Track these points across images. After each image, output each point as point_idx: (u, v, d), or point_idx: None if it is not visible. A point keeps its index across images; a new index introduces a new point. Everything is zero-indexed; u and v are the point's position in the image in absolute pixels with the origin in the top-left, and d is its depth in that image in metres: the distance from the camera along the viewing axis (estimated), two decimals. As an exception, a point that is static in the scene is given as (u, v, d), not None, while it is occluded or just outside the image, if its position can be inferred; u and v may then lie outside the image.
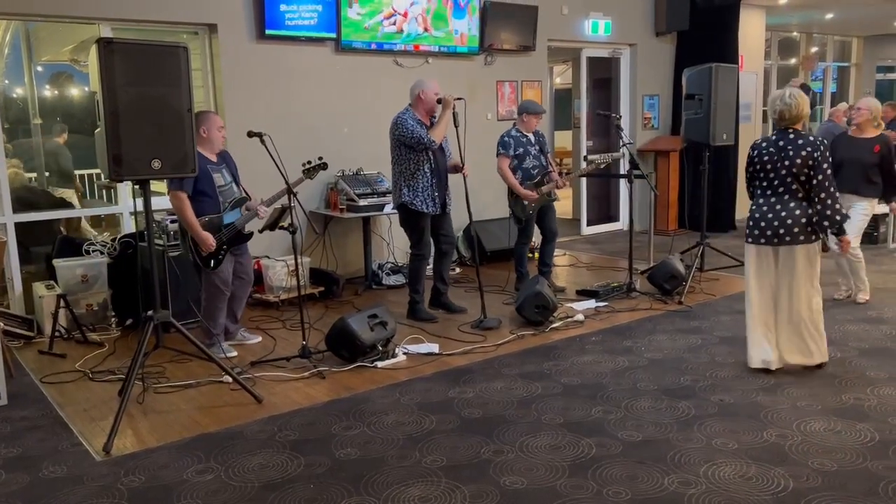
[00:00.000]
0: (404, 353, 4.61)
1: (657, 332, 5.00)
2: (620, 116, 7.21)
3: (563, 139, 12.49)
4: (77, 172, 8.22)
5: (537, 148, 5.97)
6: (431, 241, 5.39)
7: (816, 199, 3.91)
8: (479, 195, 6.41)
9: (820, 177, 3.89)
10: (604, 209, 9.68)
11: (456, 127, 5.04)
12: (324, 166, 4.76)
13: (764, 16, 10.00)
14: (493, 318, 5.14)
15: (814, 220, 3.92)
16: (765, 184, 4.06)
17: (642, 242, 7.12)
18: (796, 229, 3.94)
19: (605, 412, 3.68)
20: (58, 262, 5.37)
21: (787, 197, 3.98)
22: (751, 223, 4.10)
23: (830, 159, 3.94)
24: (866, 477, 2.95)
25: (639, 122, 9.20)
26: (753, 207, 4.13)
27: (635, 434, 3.42)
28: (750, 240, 4.11)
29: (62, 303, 5.03)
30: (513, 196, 5.88)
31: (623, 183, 9.01)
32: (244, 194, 4.69)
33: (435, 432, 3.50)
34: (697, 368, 4.27)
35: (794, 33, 12.98)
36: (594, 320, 5.30)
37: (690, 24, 9.00)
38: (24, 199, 5.94)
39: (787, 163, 3.95)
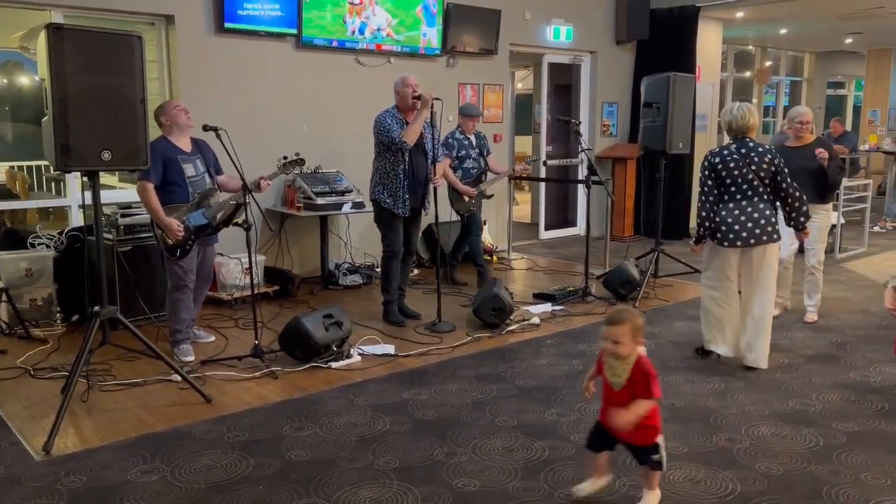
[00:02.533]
0: (359, 354, 4.56)
1: (611, 336, 5.04)
2: (580, 122, 7.30)
3: (523, 144, 12.56)
4: (25, 164, 7.99)
5: (477, 151, 6.44)
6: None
7: (791, 200, 4.28)
8: (439, 198, 6.38)
9: (788, 179, 4.26)
10: (562, 214, 9.77)
11: (433, 128, 5.02)
12: (301, 162, 4.70)
13: (721, 28, 10.22)
14: (446, 323, 5.12)
15: (792, 217, 4.31)
16: (733, 189, 4.25)
17: (599, 248, 7.19)
18: (769, 229, 4.22)
19: (559, 415, 3.69)
20: (0, 255, 5.18)
21: (756, 199, 4.24)
22: (723, 228, 4.25)
23: None
24: (810, 481, 3.02)
25: (598, 128, 9.30)
26: (724, 213, 4.26)
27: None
28: (726, 243, 4.26)
29: (4, 297, 4.85)
30: (454, 193, 6.28)
31: (581, 188, 9.10)
32: (213, 185, 4.59)
33: (388, 434, 3.47)
34: (650, 373, 4.31)
35: (750, 47, 13.32)
36: (550, 324, 5.32)
37: (650, 34, 9.16)
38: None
39: (753, 168, 4.21)
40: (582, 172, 9.09)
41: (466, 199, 6.32)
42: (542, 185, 9.23)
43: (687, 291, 6.23)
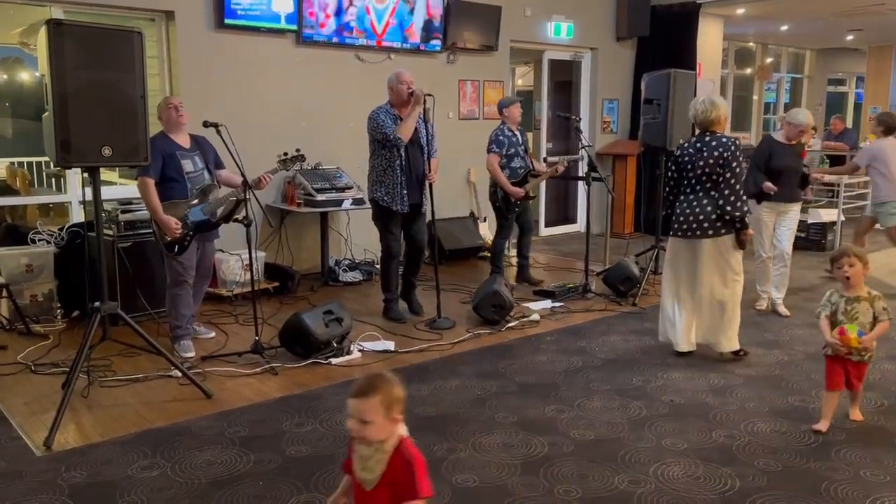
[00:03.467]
0: (359, 350, 4.57)
1: (611, 332, 5.05)
2: (580, 119, 7.28)
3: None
4: (25, 160, 7.99)
5: (523, 148, 6.17)
6: (403, 240, 5.31)
7: (720, 196, 4.27)
8: (439, 194, 6.38)
9: (728, 174, 4.24)
10: (562, 211, 9.76)
11: (426, 123, 5.01)
12: (301, 158, 4.69)
13: (722, 25, 10.20)
14: (445, 319, 5.12)
15: (723, 215, 4.26)
16: (684, 182, 4.44)
17: (599, 245, 7.19)
18: (706, 224, 4.29)
19: (559, 411, 3.70)
20: (1, 251, 5.18)
21: (701, 194, 4.35)
22: (673, 218, 4.49)
23: (742, 159, 4.29)
24: (809, 477, 3.02)
25: (598, 125, 9.29)
26: (677, 204, 4.48)
27: (587, 433, 3.44)
28: (670, 233, 4.48)
29: (4, 293, 4.86)
30: (499, 192, 6.02)
31: (581, 185, 9.10)
32: (212, 181, 4.59)
33: (388, 430, 3.47)
34: (649, 369, 4.32)
35: (751, 44, 13.29)
36: (550, 320, 5.33)
37: (651, 31, 9.14)
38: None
39: (700, 163, 4.31)
40: (583, 169, 9.09)
41: (513, 199, 6.03)
42: (543, 181, 9.20)
43: (687, 288, 6.23)
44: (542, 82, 9.17)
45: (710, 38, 9.92)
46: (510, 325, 5.14)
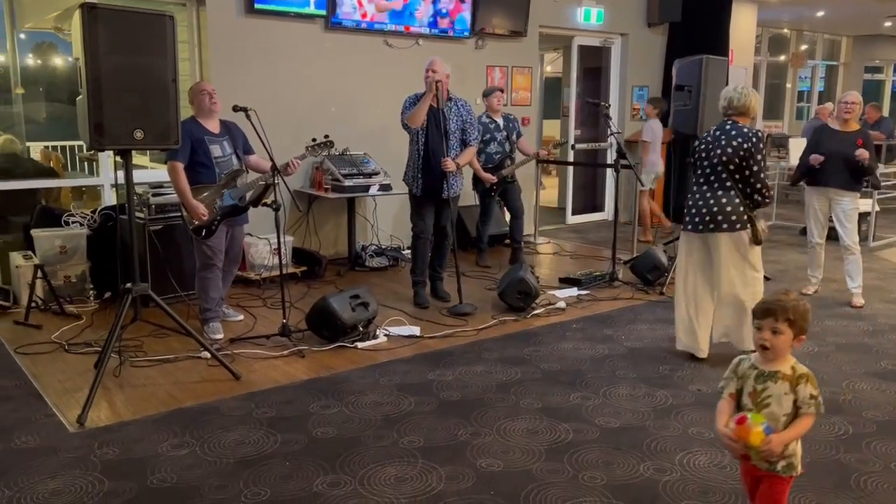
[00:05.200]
0: (385, 335, 4.59)
1: (638, 321, 5.02)
2: (609, 105, 7.21)
3: (551, 128, 12.46)
4: (58, 144, 8.11)
5: (504, 134, 6.43)
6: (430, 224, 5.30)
7: (750, 189, 4.05)
8: (464, 181, 6.40)
9: (754, 168, 4.03)
10: (589, 199, 9.69)
11: (440, 111, 5.00)
12: (330, 144, 4.72)
13: (756, 11, 10.01)
14: (467, 304, 5.12)
15: (750, 209, 4.06)
16: (698, 171, 4.23)
17: (626, 233, 7.14)
18: (720, 217, 4.06)
19: (584, 398, 3.69)
20: (36, 232, 5.29)
21: (716, 185, 4.12)
22: (684, 211, 4.27)
23: (764, 152, 4.08)
24: (838, 469, 2.99)
25: (627, 112, 9.20)
26: (688, 195, 4.28)
27: (613, 420, 3.43)
28: (684, 227, 4.27)
29: (39, 273, 4.96)
30: (477, 179, 6.35)
31: (609, 173, 9.02)
32: (241, 166, 4.64)
33: (413, 413, 3.50)
34: (676, 358, 4.29)
35: (785, 30, 13.04)
36: (576, 308, 5.31)
37: (682, 17, 8.99)
38: (5, 168, 5.84)
39: (718, 151, 4.09)
40: (611, 156, 9.01)
41: (488, 185, 6.35)
42: (570, 169, 9.17)
43: (715, 278, 6.16)
44: (571, 68, 9.09)
45: (743, 24, 9.75)
46: (536, 312, 5.13)
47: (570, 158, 8.97)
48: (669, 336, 4.69)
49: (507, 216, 6.98)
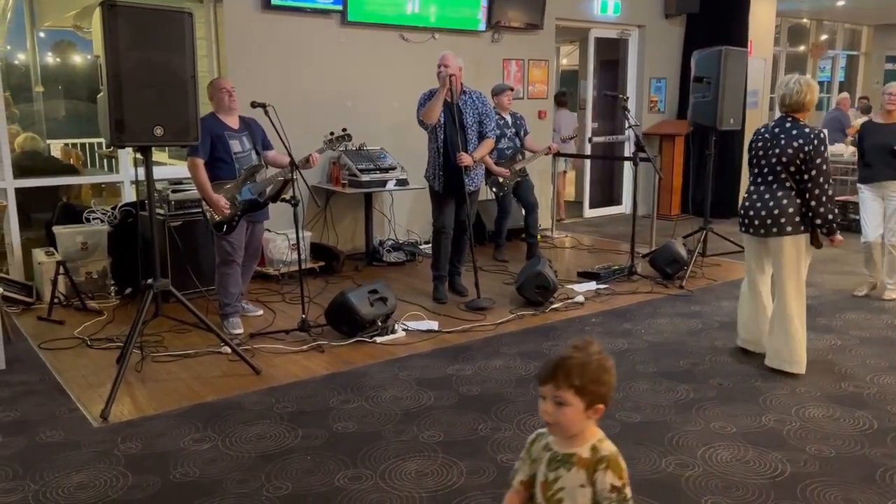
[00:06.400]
0: (404, 330, 4.60)
1: (657, 315, 4.99)
2: (627, 98, 7.16)
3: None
4: (78, 141, 8.18)
5: (513, 130, 6.49)
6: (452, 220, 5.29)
7: (808, 196, 3.72)
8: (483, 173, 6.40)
9: (813, 172, 3.69)
10: (607, 192, 9.64)
11: (454, 106, 4.98)
12: (348, 138, 4.73)
13: (775, 1, 9.88)
14: (485, 299, 5.11)
15: (807, 216, 3.76)
16: (756, 171, 3.95)
17: (645, 226, 7.08)
18: (783, 220, 3.78)
19: (604, 393, 3.67)
20: (58, 229, 5.34)
21: (775, 186, 3.83)
22: (741, 212, 4.02)
23: (827, 154, 3.74)
24: (863, 464, 2.95)
25: (645, 104, 9.12)
26: (745, 195, 4.03)
27: (634, 415, 3.42)
28: (741, 228, 4.04)
29: (61, 269, 5.01)
30: (489, 174, 6.32)
31: (627, 166, 8.97)
32: (260, 162, 4.66)
33: (433, 408, 3.50)
34: (697, 352, 4.26)
35: (805, 20, 12.86)
36: (594, 302, 5.28)
37: (700, 7, 8.90)
38: (27, 165, 5.90)
39: (777, 151, 3.80)
40: (629, 149, 8.95)
41: (501, 179, 6.42)
42: (588, 162, 9.12)
43: (735, 271, 6.11)
44: (588, 61, 9.03)
45: (762, 14, 9.62)
46: (554, 306, 5.11)
47: (588, 152, 8.91)
48: (690, 330, 4.66)
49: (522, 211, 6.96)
